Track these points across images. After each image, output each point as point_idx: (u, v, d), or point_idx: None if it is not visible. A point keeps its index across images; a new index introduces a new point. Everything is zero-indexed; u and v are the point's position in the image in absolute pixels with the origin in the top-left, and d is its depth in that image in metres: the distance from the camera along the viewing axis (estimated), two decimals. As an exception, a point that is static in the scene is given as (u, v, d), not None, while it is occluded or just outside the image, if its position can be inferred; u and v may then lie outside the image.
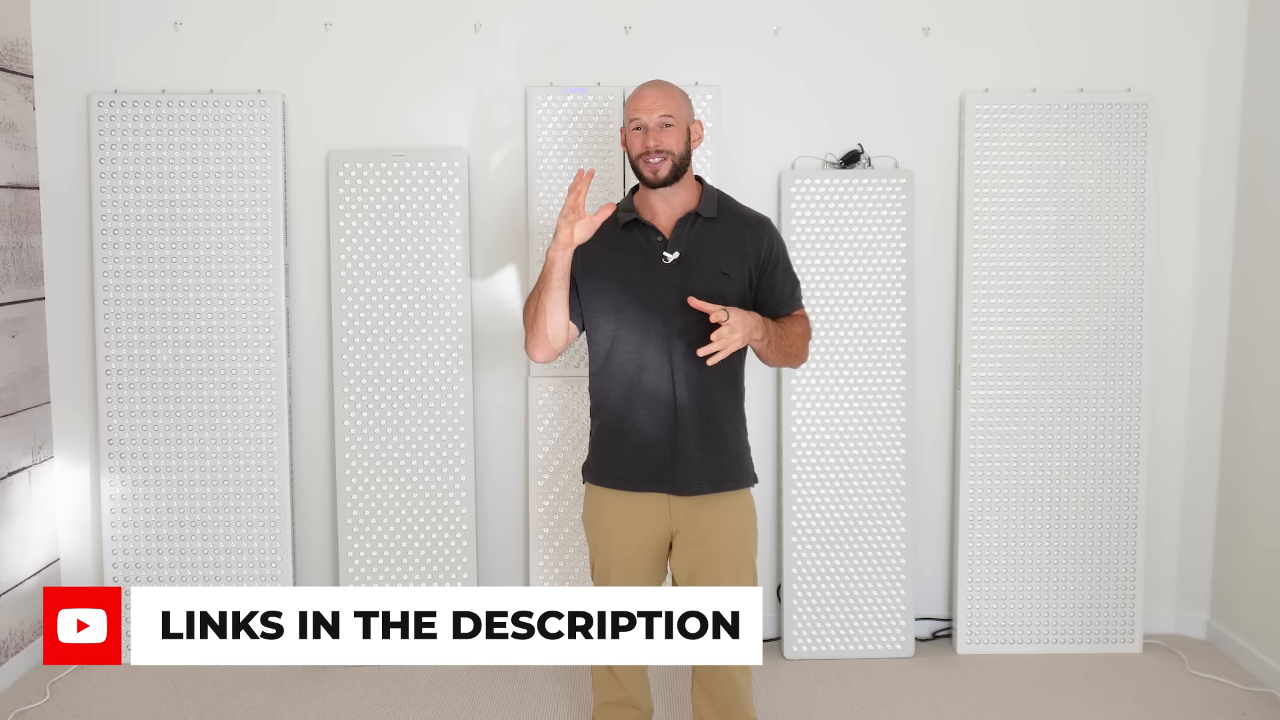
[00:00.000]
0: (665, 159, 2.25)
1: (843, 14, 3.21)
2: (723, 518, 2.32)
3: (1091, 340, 3.22)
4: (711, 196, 2.36)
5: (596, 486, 2.39)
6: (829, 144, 3.23)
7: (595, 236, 2.31)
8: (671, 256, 2.30)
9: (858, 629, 3.24)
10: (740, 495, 2.36)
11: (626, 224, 2.34)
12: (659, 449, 2.30)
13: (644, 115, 2.26)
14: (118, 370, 3.17)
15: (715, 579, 2.30)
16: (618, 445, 2.33)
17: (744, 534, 2.35)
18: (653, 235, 2.31)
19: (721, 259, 2.30)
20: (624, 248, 2.33)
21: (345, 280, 3.17)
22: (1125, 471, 3.24)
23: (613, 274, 2.31)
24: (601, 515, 2.38)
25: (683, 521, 2.32)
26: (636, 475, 2.32)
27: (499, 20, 3.20)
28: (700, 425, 2.30)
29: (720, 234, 2.32)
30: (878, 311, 3.20)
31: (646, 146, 2.25)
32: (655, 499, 2.32)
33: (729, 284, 2.30)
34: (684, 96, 2.33)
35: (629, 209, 2.36)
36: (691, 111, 2.34)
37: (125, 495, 3.20)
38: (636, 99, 2.29)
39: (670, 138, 2.26)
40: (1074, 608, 3.27)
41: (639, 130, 2.27)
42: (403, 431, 3.19)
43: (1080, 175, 3.19)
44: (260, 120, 3.14)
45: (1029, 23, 3.22)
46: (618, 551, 2.35)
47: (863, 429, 3.21)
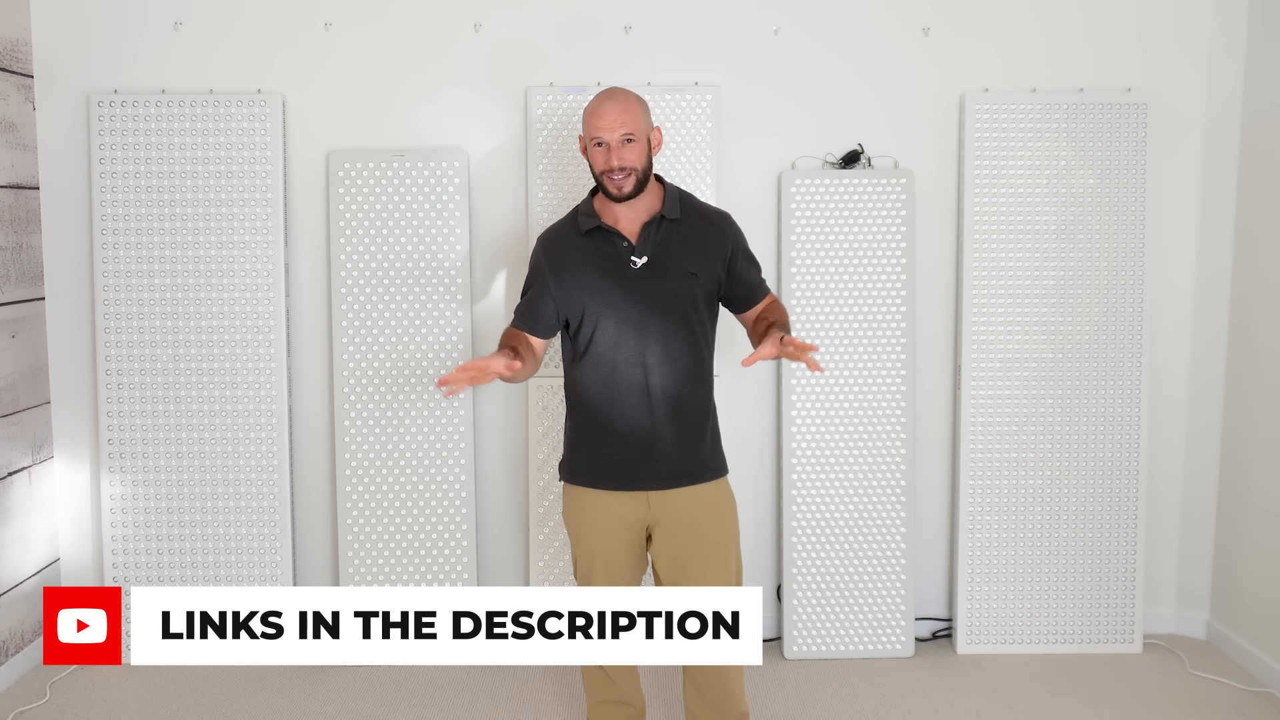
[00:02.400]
0: (629, 175, 2.26)
1: (842, 14, 3.21)
2: (703, 508, 2.35)
3: (1091, 340, 3.22)
4: (674, 197, 2.37)
5: (573, 485, 2.41)
6: (829, 144, 3.23)
7: (559, 246, 2.36)
8: (640, 261, 2.31)
9: (858, 629, 3.24)
10: (718, 484, 2.39)
11: (589, 230, 2.34)
12: (635, 448, 2.32)
13: (605, 134, 2.25)
14: (118, 370, 3.17)
15: (701, 568, 2.33)
16: (594, 445, 2.36)
17: (725, 522, 2.38)
18: (618, 241, 2.32)
19: (689, 260, 2.32)
20: (590, 255, 2.33)
21: (345, 280, 3.17)
22: (1125, 471, 3.24)
23: (582, 282, 2.33)
24: (581, 513, 2.40)
25: (662, 514, 2.34)
26: (613, 473, 2.34)
27: (499, 20, 3.20)
28: (676, 422, 2.33)
29: (685, 234, 2.34)
30: (878, 311, 3.19)
31: (610, 165, 2.26)
32: (633, 495, 2.34)
33: (698, 284, 2.33)
34: (642, 106, 2.32)
35: (590, 213, 2.36)
36: (650, 119, 2.34)
37: (125, 495, 3.20)
38: (597, 115, 2.27)
39: (632, 154, 2.26)
40: (1074, 608, 3.27)
41: (600, 147, 2.27)
42: (403, 431, 3.19)
43: (1080, 175, 3.19)
44: (260, 120, 3.14)
45: (1029, 23, 3.22)
46: (599, 547, 2.38)
47: (863, 429, 3.21)
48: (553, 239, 2.41)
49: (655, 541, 2.37)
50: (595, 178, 2.31)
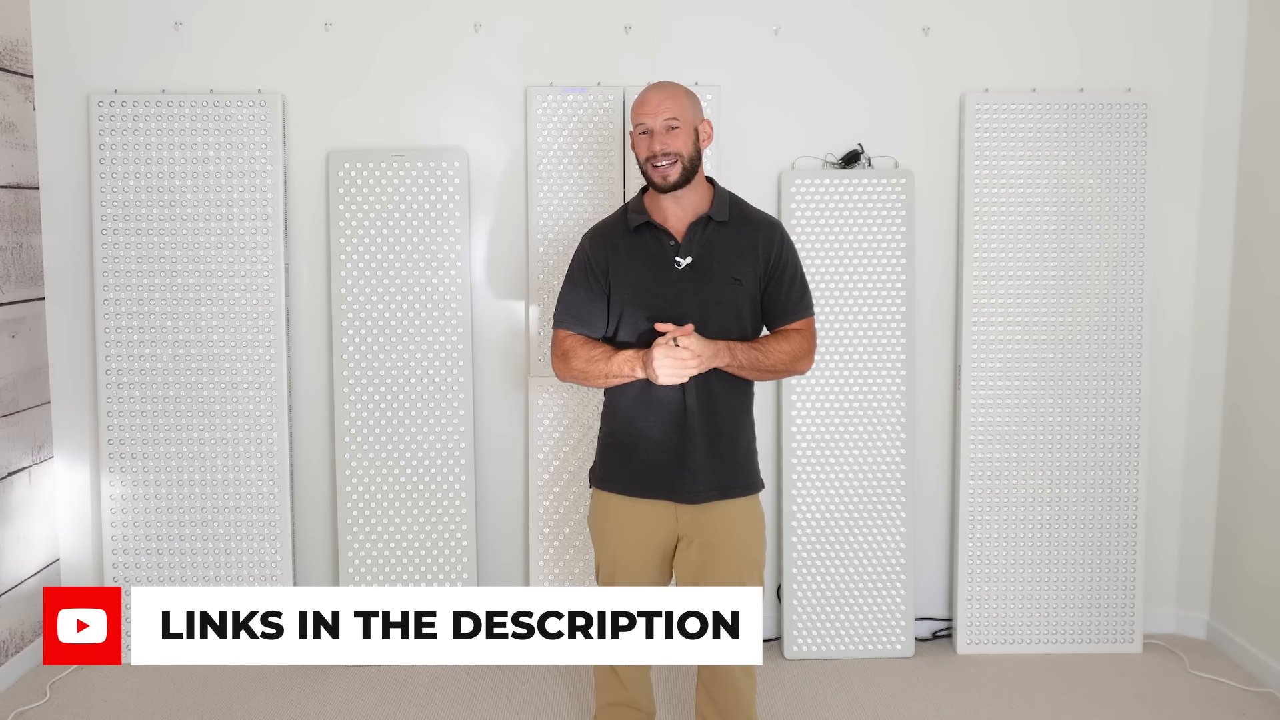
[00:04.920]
0: (674, 162, 2.22)
1: (843, 14, 3.21)
2: (729, 524, 2.31)
3: (1091, 340, 3.22)
4: (723, 199, 2.32)
5: (603, 491, 2.38)
6: (829, 144, 3.23)
7: (609, 242, 2.31)
8: (684, 262, 2.27)
9: (858, 629, 3.24)
10: (748, 501, 2.35)
11: (638, 227, 2.30)
12: (667, 457, 2.29)
13: (648, 119, 2.23)
14: (118, 370, 3.17)
15: (720, 584, 2.29)
16: (627, 452, 2.32)
17: (750, 540, 2.34)
18: (665, 239, 2.29)
19: (733, 265, 2.28)
20: (636, 252, 2.30)
21: (345, 280, 3.17)
22: (1125, 471, 3.24)
23: (626, 279, 2.29)
24: (607, 519, 2.37)
25: (688, 526, 2.31)
26: (644, 482, 2.31)
27: (499, 20, 3.20)
28: (709, 433, 2.28)
29: (731, 239, 2.29)
30: (878, 311, 3.20)
31: (653, 150, 2.22)
32: (662, 505, 2.31)
33: (741, 290, 2.28)
34: (690, 96, 2.28)
35: (639, 210, 2.32)
36: (699, 111, 2.29)
37: (125, 495, 3.20)
38: (641, 103, 2.26)
39: (677, 140, 2.22)
40: (1074, 608, 3.27)
41: (645, 135, 2.24)
42: (403, 431, 3.19)
43: (1080, 175, 3.19)
44: (260, 120, 3.14)
45: (1029, 23, 3.22)
46: (623, 556, 2.35)
47: (863, 429, 3.21)
48: (599, 235, 2.36)
49: (679, 555, 2.34)
50: (642, 170, 2.27)
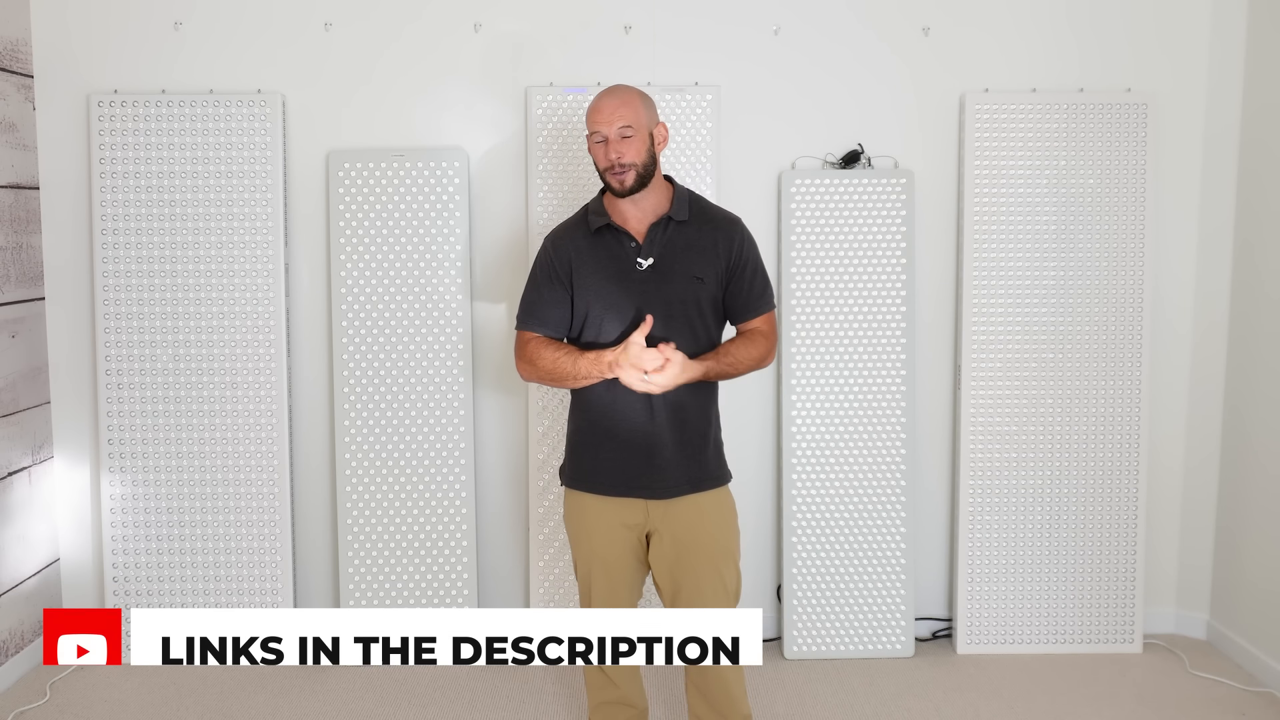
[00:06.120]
0: (629, 170, 2.25)
1: (843, 14, 3.21)
2: (701, 517, 2.33)
3: (1091, 340, 3.22)
4: (683, 199, 2.35)
5: (574, 490, 2.41)
6: (829, 144, 3.23)
7: (571, 244, 2.34)
8: (646, 263, 2.30)
9: (857, 629, 3.24)
10: (719, 493, 2.38)
11: (598, 229, 2.33)
12: (636, 454, 2.31)
13: (603, 127, 2.25)
14: (118, 370, 3.17)
15: (696, 577, 2.32)
16: (595, 450, 2.35)
17: (724, 531, 2.36)
18: (626, 241, 2.31)
19: (695, 263, 2.31)
20: (598, 254, 2.33)
21: (345, 280, 3.17)
22: (1125, 471, 3.24)
23: (588, 282, 2.32)
24: (582, 517, 2.40)
25: (660, 521, 2.34)
26: (613, 480, 2.33)
27: (499, 20, 3.20)
28: (678, 428, 2.31)
29: (692, 237, 2.32)
30: (878, 311, 3.19)
31: (609, 160, 2.24)
32: (633, 502, 2.34)
33: (703, 289, 2.31)
34: (643, 101, 2.29)
35: (600, 212, 2.35)
36: (654, 114, 2.31)
37: (125, 495, 3.20)
38: (594, 110, 2.27)
39: (631, 148, 2.24)
40: (1074, 608, 3.27)
41: (600, 143, 2.26)
42: (403, 431, 3.20)
43: (1080, 175, 3.19)
44: (260, 120, 3.14)
45: (1029, 23, 3.22)
46: (599, 552, 2.38)
47: (863, 429, 3.21)
48: (561, 237, 2.38)
49: (653, 548, 2.37)
50: (600, 174, 2.30)
